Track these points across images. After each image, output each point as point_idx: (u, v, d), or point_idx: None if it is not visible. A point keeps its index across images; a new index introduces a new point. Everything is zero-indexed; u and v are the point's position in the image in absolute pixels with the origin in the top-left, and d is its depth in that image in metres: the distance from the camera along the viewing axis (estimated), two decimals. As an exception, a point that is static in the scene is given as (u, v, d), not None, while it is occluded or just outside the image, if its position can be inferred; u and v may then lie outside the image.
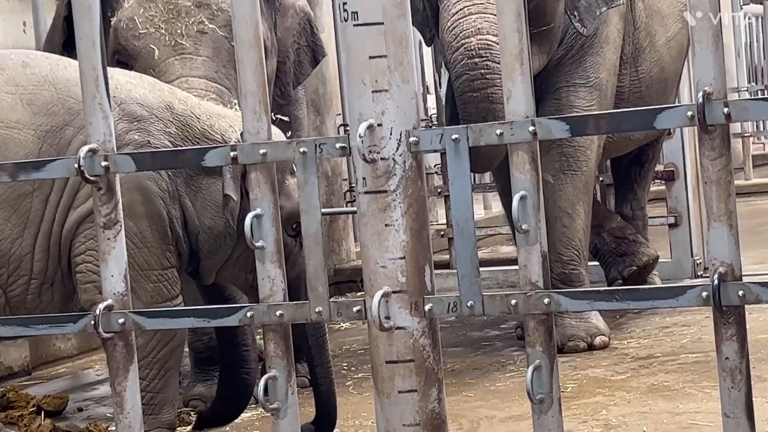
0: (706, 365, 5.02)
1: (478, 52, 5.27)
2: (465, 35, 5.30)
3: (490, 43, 5.26)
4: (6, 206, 3.94)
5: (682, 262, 7.29)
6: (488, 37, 5.27)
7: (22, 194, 3.96)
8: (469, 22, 5.32)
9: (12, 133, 3.95)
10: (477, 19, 5.31)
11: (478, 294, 2.38)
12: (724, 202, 2.22)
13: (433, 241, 2.54)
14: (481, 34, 5.28)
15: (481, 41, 5.28)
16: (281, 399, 2.52)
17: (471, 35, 5.30)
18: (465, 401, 4.96)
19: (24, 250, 3.98)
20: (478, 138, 2.37)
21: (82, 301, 3.98)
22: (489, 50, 5.26)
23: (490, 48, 5.26)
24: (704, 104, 2.17)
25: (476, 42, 5.28)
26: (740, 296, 2.20)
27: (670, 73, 6.56)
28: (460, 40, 5.31)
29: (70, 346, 6.84)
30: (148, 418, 4.02)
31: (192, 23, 4.93)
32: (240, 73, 2.50)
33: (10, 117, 3.96)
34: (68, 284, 4.05)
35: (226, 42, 4.94)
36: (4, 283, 3.98)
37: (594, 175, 6.06)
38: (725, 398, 2.26)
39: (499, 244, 9.41)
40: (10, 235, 3.96)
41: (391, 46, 2.40)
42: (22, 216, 3.97)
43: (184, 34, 4.91)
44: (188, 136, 4.17)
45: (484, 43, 5.28)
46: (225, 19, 4.94)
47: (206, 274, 4.34)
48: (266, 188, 2.50)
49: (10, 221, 3.95)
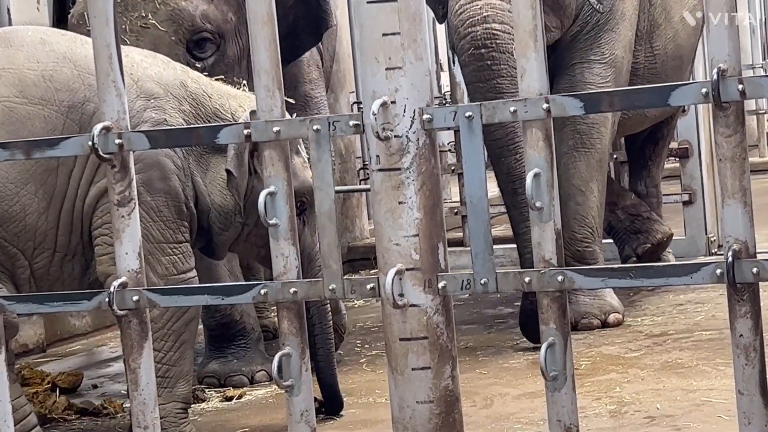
0: (720, 342, 5.02)
1: (484, 42, 5.31)
2: (471, 23, 5.32)
3: (495, 32, 5.29)
4: (33, 181, 4.01)
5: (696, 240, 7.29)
6: (494, 26, 5.30)
7: (48, 169, 4.02)
8: (475, 9, 5.33)
9: (36, 109, 4.01)
10: (483, 6, 5.33)
11: (491, 271, 2.38)
12: (738, 179, 2.21)
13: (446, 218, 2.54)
14: (487, 23, 5.31)
15: (486, 30, 5.31)
16: (295, 376, 2.52)
17: (477, 23, 5.31)
18: (479, 378, 4.97)
19: (49, 224, 4.05)
20: (492, 115, 2.36)
21: (98, 272, 4.05)
22: (494, 40, 5.30)
23: (495, 38, 5.29)
24: (719, 81, 2.16)
25: (482, 31, 5.31)
26: (754, 273, 2.19)
27: (686, 49, 6.54)
28: (467, 27, 5.33)
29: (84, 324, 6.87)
30: (163, 391, 4.05)
31: (136, 18, 4.92)
32: (253, 50, 2.50)
33: (34, 93, 4.03)
34: (88, 256, 4.11)
35: (166, 37, 4.93)
36: (30, 255, 4.06)
37: (608, 153, 6.05)
38: (739, 375, 2.25)
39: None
40: (37, 209, 4.02)
41: (404, 24, 2.40)
42: (47, 191, 4.03)
43: (127, 30, 4.90)
44: (200, 115, 4.21)
45: (489, 32, 5.31)
46: (167, 13, 4.93)
47: (218, 250, 4.38)
48: (280, 166, 2.50)
49: (37, 195, 4.02)
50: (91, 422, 4.88)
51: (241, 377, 5.30)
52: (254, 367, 5.32)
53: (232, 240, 4.34)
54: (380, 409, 4.54)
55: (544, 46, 2.33)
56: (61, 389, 5.30)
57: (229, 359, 5.37)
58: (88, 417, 4.94)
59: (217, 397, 5.14)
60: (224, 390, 5.20)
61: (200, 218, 4.25)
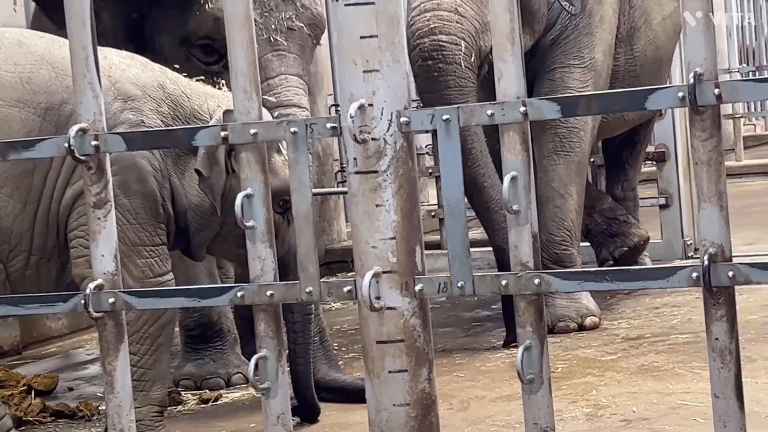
0: (696, 346, 5.03)
1: (431, 54, 5.36)
2: (420, 35, 5.38)
3: (442, 43, 5.34)
4: (9, 183, 3.99)
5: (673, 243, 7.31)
6: (441, 37, 5.35)
7: (24, 171, 4.00)
8: (423, 21, 5.38)
9: (14, 111, 4.00)
10: (431, 17, 5.37)
11: (468, 274, 2.38)
12: (714, 183, 2.22)
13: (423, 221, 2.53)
14: (434, 35, 5.35)
15: (434, 42, 5.35)
16: (272, 379, 2.52)
17: (425, 35, 5.37)
18: (455, 381, 4.97)
19: (25, 226, 4.03)
20: (469, 118, 2.36)
21: (74, 274, 4.04)
22: (441, 51, 5.34)
23: (442, 49, 5.34)
24: (695, 85, 2.17)
25: (429, 43, 5.35)
26: (730, 277, 2.20)
27: (666, 52, 6.56)
28: (416, 39, 5.39)
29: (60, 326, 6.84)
30: (138, 394, 4.04)
31: (282, 19, 4.96)
32: (231, 52, 2.49)
33: (11, 95, 4.01)
34: (64, 258, 4.09)
35: (309, 40, 4.98)
36: (5, 258, 4.04)
37: (588, 156, 6.06)
38: (715, 378, 2.26)
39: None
40: (12, 211, 4.01)
41: (382, 26, 2.40)
42: (23, 193, 4.02)
43: (277, 30, 4.96)
44: (179, 116, 4.21)
45: (436, 44, 5.35)
46: (309, 17, 4.97)
47: (197, 250, 4.37)
48: (257, 168, 2.49)
49: (13, 198, 4.00)
50: (66, 425, 4.87)
51: (218, 379, 5.29)
52: (230, 370, 5.32)
53: (210, 240, 4.33)
54: (357, 412, 4.53)
55: (522, 50, 2.34)
56: (36, 391, 5.28)
57: (205, 361, 5.36)
58: (64, 419, 4.92)
59: (194, 399, 5.13)
60: (201, 392, 5.19)
61: (178, 219, 4.24)
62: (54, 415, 4.96)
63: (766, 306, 5.69)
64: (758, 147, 14.27)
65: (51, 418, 4.95)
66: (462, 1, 5.38)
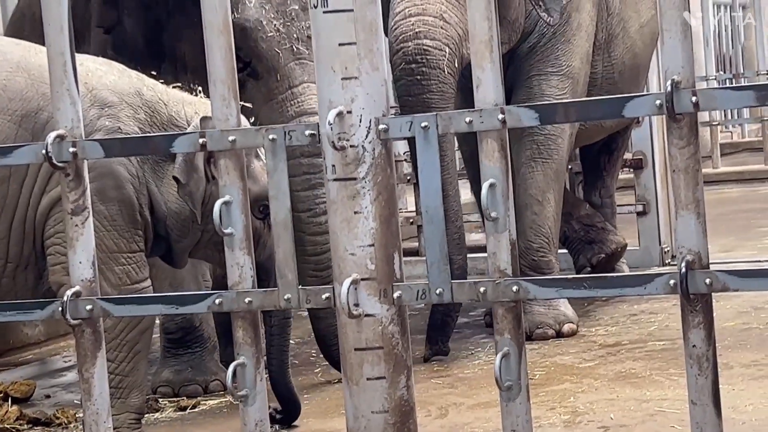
0: (674, 352, 5.04)
1: (415, 58, 5.36)
2: (404, 38, 5.38)
3: (427, 48, 5.35)
4: None
5: (650, 250, 7.32)
6: (425, 41, 5.35)
7: (0, 178, 3.98)
8: (408, 25, 5.38)
9: None
10: (416, 22, 5.37)
11: (446, 281, 2.38)
12: (692, 190, 2.22)
13: (402, 228, 2.54)
14: (419, 39, 5.36)
15: (418, 46, 5.36)
16: (250, 386, 2.52)
17: (409, 39, 5.37)
18: (434, 388, 4.97)
19: (1, 234, 4.02)
20: (447, 125, 2.37)
21: (51, 282, 4.03)
22: (425, 55, 5.35)
23: (426, 53, 5.35)
24: (672, 93, 2.17)
25: (413, 47, 5.36)
26: (707, 284, 2.21)
27: (643, 59, 6.58)
28: (400, 43, 5.39)
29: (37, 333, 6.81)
30: (116, 401, 4.03)
31: (303, 28, 5.01)
32: (209, 60, 2.49)
33: None
34: (41, 266, 4.08)
35: None
36: None
37: (565, 164, 6.08)
38: (692, 385, 2.27)
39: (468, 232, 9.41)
40: None
41: (360, 33, 2.40)
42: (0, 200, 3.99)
43: (298, 39, 5.00)
44: (156, 122, 4.20)
45: (421, 48, 5.36)
46: None
47: (177, 257, 4.37)
48: (235, 175, 2.49)
49: None
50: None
51: (196, 386, 5.28)
52: (208, 377, 5.31)
53: (191, 247, 4.33)
54: (335, 419, 4.53)
55: (500, 57, 2.34)
56: (13, 399, 5.26)
57: (183, 367, 5.34)
58: (41, 427, 4.90)
59: (171, 407, 5.11)
60: (178, 400, 5.18)
61: (157, 226, 4.23)
62: (31, 422, 4.94)
63: (743, 313, 5.71)
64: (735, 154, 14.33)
65: (28, 426, 4.93)
66: (447, 7, 5.39)
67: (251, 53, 5.02)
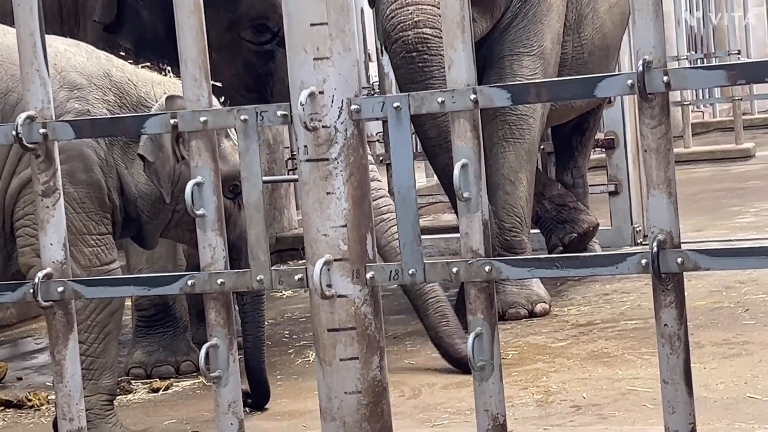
0: (645, 332, 5.06)
1: (416, 47, 5.42)
2: (403, 27, 5.42)
3: (427, 36, 5.41)
4: None
5: (622, 230, 7.35)
6: (425, 30, 5.41)
7: None
8: (406, 14, 5.41)
9: None
10: (414, 11, 5.41)
11: (419, 262, 2.39)
12: (663, 170, 2.23)
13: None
14: (419, 27, 5.41)
15: (418, 35, 5.42)
16: (222, 367, 2.52)
17: (408, 28, 5.41)
18: (407, 368, 4.98)
19: None
20: (419, 106, 2.37)
21: (20, 264, 4.01)
22: (426, 44, 5.41)
23: (427, 41, 5.41)
24: (644, 73, 2.18)
25: (414, 36, 5.41)
26: (679, 264, 2.22)
27: (613, 39, 6.59)
28: (398, 32, 5.43)
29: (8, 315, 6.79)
30: (88, 383, 4.02)
31: None
32: (180, 40, 2.48)
33: None
34: (10, 248, 4.07)
35: None
36: None
37: (537, 144, 6.08)
38: (664, 364, 2.28)
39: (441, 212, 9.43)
40: None
41: (332, 14, 2.39)
42: None
43: None
44: (125, 104, 4.18)
45: (421, 37, 5.42)
46: None
47: (149, 239, 4.35)
48: (207, 156, 2.48)
49: None
50: (15, 414, 4.83)
51: (168, 367, 5.27)
52: (179, 357, 5.30)
53: (162, 228, 4.32)
54: (308, 399, 4.53)
55: (472, 38, 2.34)
56: (-16, 381, 5.24)
57: (155, 348, 5.33)
58: (13, 409, 4.88)
59: (144, 388, 5.10)
60: (151, 381, 5.17)
61: (128, 208, 4.21)
62: (3, 404, 4.92)
63: (714, 292, 5.74)
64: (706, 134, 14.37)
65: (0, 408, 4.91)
66: None
67: (281, 22, 5.03)
